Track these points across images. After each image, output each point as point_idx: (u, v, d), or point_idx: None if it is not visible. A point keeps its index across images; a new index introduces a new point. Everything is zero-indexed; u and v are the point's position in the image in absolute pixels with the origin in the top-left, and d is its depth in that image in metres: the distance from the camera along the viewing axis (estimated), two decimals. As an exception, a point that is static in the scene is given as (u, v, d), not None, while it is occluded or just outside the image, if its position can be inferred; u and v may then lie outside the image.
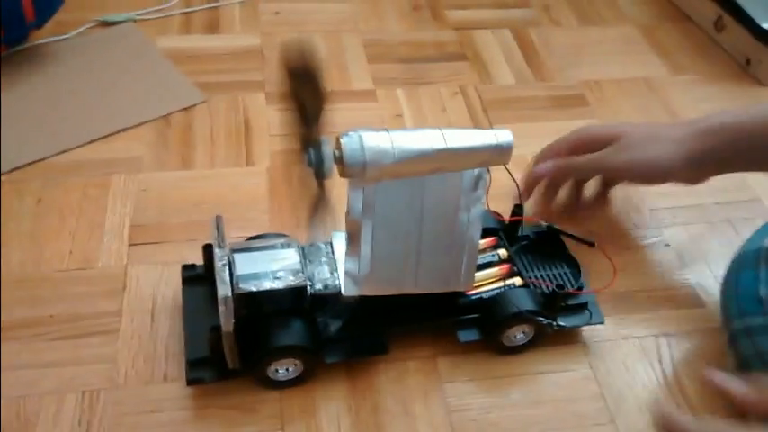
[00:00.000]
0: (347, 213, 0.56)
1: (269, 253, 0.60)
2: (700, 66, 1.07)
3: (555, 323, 0.64)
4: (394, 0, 1.15)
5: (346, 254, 0.58)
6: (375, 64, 1.01)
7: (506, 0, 1.17)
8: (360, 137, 0.51)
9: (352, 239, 0.57)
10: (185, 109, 0.90)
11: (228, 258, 0.57)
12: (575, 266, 0.69)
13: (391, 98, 0.95)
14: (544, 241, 0.71)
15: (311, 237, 0.60)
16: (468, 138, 0.54)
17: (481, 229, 0.60)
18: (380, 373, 0.64)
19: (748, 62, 1.05)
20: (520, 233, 0.71)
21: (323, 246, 0.65)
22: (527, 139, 0.73)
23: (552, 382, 0.64)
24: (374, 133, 0.52)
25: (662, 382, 0.65)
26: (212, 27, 1.06)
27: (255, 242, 0.63)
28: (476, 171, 0.57)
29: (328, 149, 0.51)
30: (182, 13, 1.07)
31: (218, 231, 0.59)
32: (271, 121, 0.90)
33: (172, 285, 0.68)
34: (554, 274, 0.69)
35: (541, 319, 0.63)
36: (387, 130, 0.53)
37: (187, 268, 0.67)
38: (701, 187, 0.72)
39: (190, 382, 0.59)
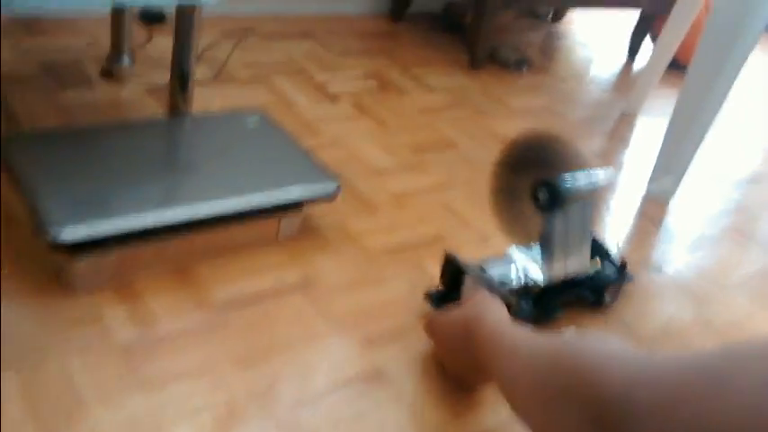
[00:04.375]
0: (544, 233, 1.02)
1: (499, 266, 1.07)
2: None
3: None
4: None
5: (543, 255, 1.04)
6: None
7: None
8: (565, 180, 0.98)
9: (549, 247, 1.03)
10: None
11: (481, 272, 1.04)
12: (611, 255, 1.18)
13: None
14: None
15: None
16: (605, 175, 1.04)
17: (592, 234, 1.11)
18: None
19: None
20: None
21: (511, 257, 1.10)
22: None
23: None
24: (570, 175, 1.00)
25: None
26: None
27: (486, 261, 1.08)
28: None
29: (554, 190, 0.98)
30: None
31: (461, 260, 1.06)
32: None
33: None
34: (606, 259, 1.18)
35: (622, 279, 1.17)
36: (572, 172, 1.01)
37: (429, 295, 1.08)
38: None
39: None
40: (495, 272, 1.05)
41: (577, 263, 1.08)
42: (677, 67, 2.06)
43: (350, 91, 1.74)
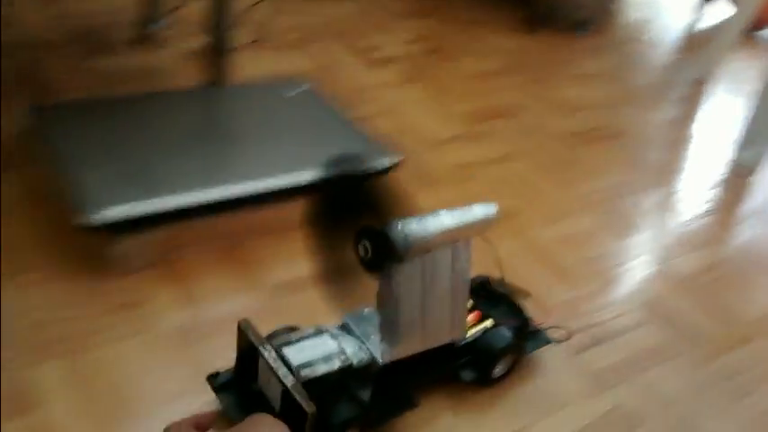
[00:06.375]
0: (381, 294, 0.70)
1: (310, 342, 0.70)
2: None
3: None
4: None
5: (383, 326, 0.72)
6: None
7: None
8: (402, 228, 0.65)
9: (389, 314, 0.70)
10: None
11: (278, 353, 0.67)
12: (515, 305, 0.85)
13: None
14: (481, 290, 0.86)
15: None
16: (468, 214, 0.71)
17: (469, 285, 0.76)
18: None
19: None
20: None
21: (341, 327, 0.74)
22: None
23: None
24: (411, 223, 0.66)
25: None
26: None
27: (292, 335, 0.71)
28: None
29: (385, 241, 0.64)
30: None
31: (254, 334, 0.68)
32: None
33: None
34: (504, 312, 0.84)
35: (522, 345, 0.81)
36: (417, 217, 0.66)
37: (213, 377, 0.72)
38: None
39: None
40: (309, 348, 0.70)
41: (443, 330, 0.76)
42: (749, 30, 1.88)
43: (399, 55, 1.61)
